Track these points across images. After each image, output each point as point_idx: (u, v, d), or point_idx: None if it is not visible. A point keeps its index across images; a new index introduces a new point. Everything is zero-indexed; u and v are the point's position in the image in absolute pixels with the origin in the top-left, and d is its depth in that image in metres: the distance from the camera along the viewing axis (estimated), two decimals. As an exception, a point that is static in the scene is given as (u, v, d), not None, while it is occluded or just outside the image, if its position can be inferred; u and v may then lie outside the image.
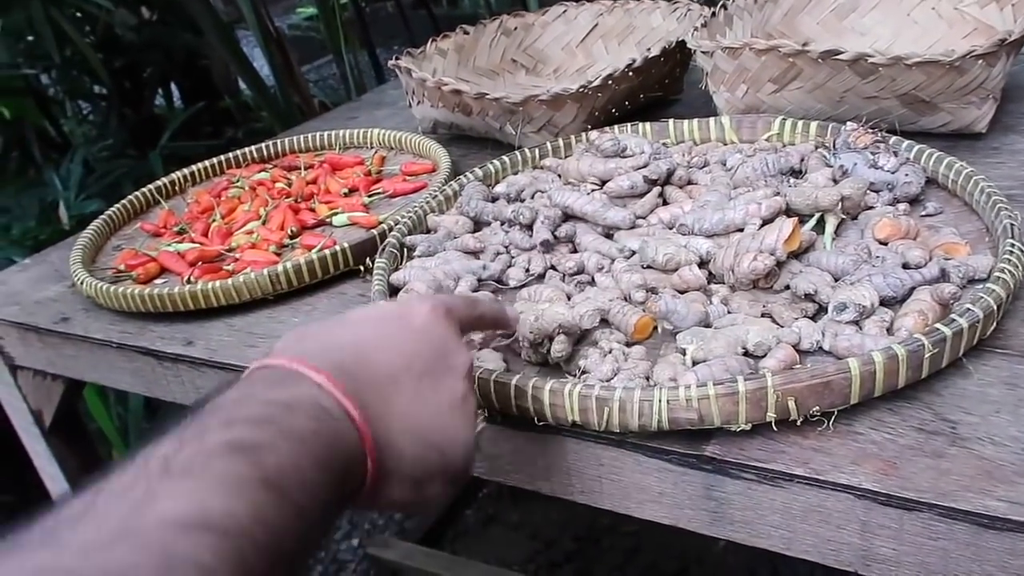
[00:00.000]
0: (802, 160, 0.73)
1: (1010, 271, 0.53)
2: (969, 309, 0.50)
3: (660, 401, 0.47)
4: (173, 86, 2.40)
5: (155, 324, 0.75)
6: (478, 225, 0.76)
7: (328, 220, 0.87)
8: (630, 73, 0.90)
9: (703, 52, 0.85)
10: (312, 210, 0.89)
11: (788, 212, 0.65)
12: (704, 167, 0.78)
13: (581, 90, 0.87)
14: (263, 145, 1.08)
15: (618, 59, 0.94)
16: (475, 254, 0.71)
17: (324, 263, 0.74)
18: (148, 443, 0.32)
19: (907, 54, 0.73)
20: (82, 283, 0.79)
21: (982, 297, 0.50)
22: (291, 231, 0.84)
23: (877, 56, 0.74)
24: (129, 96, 2.23)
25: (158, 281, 0.81)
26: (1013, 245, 0.55)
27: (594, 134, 0.82)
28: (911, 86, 0.75)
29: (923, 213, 0.66)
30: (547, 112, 0.89)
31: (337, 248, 0.75)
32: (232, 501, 0.29)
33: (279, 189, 0.95)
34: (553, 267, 0.68)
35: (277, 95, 2.20)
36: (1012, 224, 0.57)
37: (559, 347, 0.55)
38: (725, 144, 0.82)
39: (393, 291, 0.67)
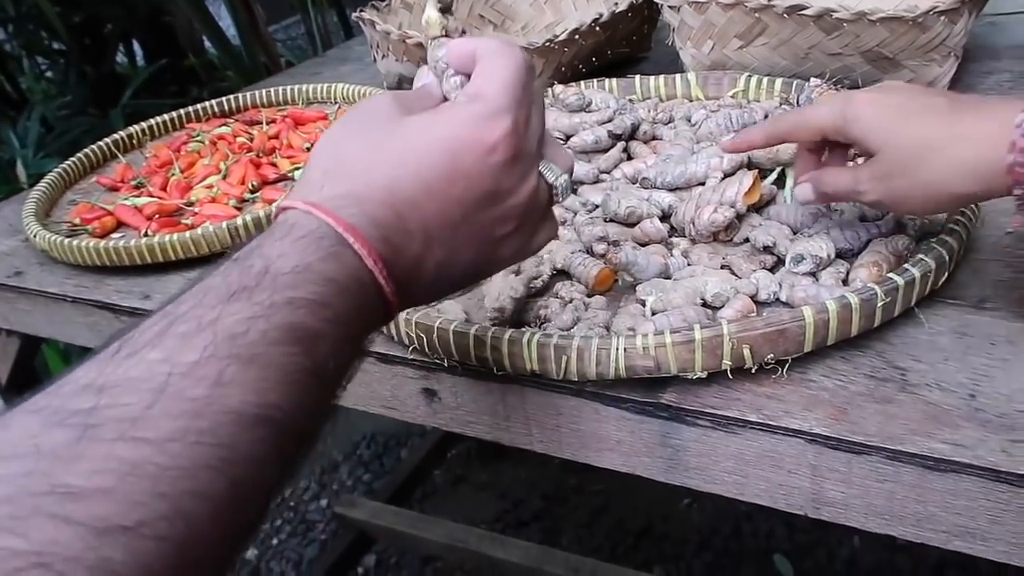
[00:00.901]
0: (766, 116, 0.73)
1: (964, 224, 0.53)
2: (922, 259, 0.50)
3: (617, 349, 0.48)
4: (135, 43, 2.33)
5: (111, 278, 0.74)
6: (441, 179, 0.75)
7: (290, 175, 0.85)
8: (597, 28, 0.89)
9: (670, 7, 0.85)
10: (274, 164, 0.87)
11: (750, 166, 0.65)
12: (669, 123, 0.77)
13: (547, 44, 0.86)
14: (224, 99, 1.06)
15: (587, 16, 0.93)
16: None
17: (285, 217, 0.73)
18: (213, 275, 0.33)
19: (871, 9, 0.73)
20: (36, 236, 0.77)
21: (935, 248, 0.51)
22: (252, 185, 0.83)
23: (841, 11, 0.74)
24: (89, 53, 2.17)
25: (115, 235, 0.80)
26: (968, 198, 0.56)
27: (559, 88, 0.81)
28: (875, 42, 0.75)
29: (883, 169, 0.67)
30: (513, 67, 0.88)
31: (298, 202, 0.74)
32: (286, 395, 0.31)
33: (240, 144, 0.93)
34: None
35: (243, 54, 2.15)
36: (968, 178, 0.58)
37: None
38: (691, 101, 0.82)
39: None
